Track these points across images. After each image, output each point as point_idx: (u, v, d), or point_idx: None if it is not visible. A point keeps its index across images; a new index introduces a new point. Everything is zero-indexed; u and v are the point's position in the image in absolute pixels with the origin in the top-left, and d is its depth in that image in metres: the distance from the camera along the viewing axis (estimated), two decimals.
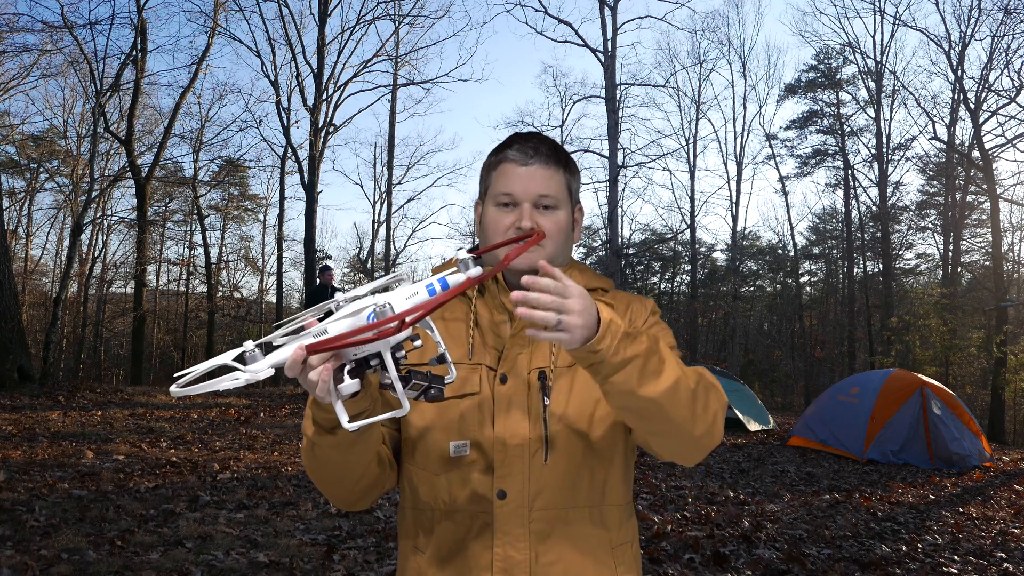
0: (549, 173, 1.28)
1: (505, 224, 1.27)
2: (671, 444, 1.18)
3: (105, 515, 4.36)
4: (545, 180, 1.28)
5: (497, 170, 1.30)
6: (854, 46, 23.14)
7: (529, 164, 1.28)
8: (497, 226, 1.28)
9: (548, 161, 1.29)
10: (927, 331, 18.48)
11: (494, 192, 1.29)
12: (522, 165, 1.28)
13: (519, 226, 1.25)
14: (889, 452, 8.71)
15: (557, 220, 1.29)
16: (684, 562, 4.26)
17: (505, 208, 1.28)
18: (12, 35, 15.78)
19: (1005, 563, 4.72)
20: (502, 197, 1.28)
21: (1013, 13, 17.39)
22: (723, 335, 29.33)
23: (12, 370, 9.78)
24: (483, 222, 1.31)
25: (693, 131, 27.01)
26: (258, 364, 0.92)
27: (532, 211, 1.27)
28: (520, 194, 1.27)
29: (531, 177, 1.27)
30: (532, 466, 1.21)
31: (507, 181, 1.28)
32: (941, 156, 24.06)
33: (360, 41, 50.30)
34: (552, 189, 1.28)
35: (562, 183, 1.30)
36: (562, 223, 1.29)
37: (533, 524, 1.21)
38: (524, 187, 1.27)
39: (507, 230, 1.27)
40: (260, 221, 28.94)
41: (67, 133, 24.03)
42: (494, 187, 1.30)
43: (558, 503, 1.22)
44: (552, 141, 1.33)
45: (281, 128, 19.16)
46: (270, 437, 7.67)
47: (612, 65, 15.18)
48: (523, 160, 1.28)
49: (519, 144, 1.30)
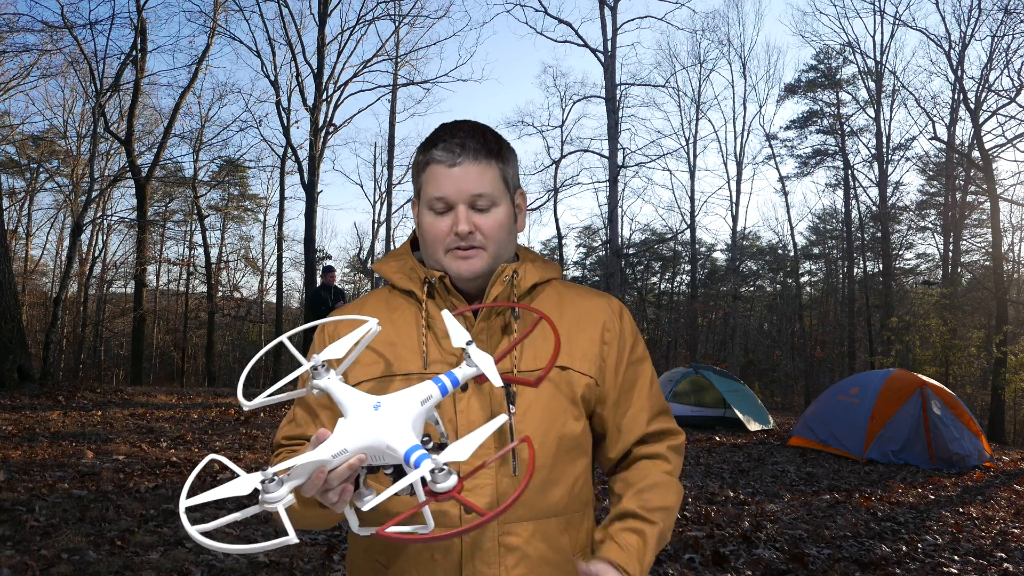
0: (480, 169, 1.20)
1: (443, 229, 1.21)
2: None
3: (105, 515, 4.36)
4: (477, 177, 1.19)
5: (426, 172, 1.22)
6: (854, 46, 23.17)
7: (457, 163, 1.19)
8: (435, 232, 1.21)
9: (478, 156, 1.20)
10: (927, 331, 18.48)
11: (426, 197, 1.22)
12: (450, 166, 1.19)
13: (457, 231, 1.19)
14: (889, 452, 8.71)
15: (496, 218, 1.22)
16: (684, 562, 4.26)
17: (440, 214, 1.21)
18: (12, 35, 15.78)
19: (1005, 563, 4.72)
20: (436, 203, 1.20)
21: (1013, 13, 17.40)
22: (723, 335, 29.33)
23: (12, 370, 9.78)
24: (421, 226, 1.25)
25: (693, 131, 27.07)
26: (279, 492, 0.87)
27: (468, 212, 1.20)
28: (453, 196, 1.19)
29: (462, 177, 1.19)
30: (500, 478, 1.17)
31: (437, 185, 1.20)
32: (941, 156, 24.07)
33: (360, 41, 50.35)
34: (486, 186, 1.20)
35: (496, 176, 1.22)
36: (501, 220, 1.22)
37: (503, 537, 1.17)
38: (456, 188, 1.19)
39: (446, 236, 1.21)
40: (260, 221, 29.01)
41: (67, 133, 24.06)
42: (426, 191, 1.22)
43: (529, 514, 1.19)
44: (481, 130, 1.24)
45: (281, 128, 19.18)
46: (270, 437, 7.67)
47: (612, 65, 15.18)
48: (451, 160, 1.19)
49: (444, 142, 1.20)
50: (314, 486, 0.91)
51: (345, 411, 0.96)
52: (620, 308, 1.33)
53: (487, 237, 1.21)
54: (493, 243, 1.22)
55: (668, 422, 1.33)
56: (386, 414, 0.93)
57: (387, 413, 0.93)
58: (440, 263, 1.23)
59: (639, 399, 1.30)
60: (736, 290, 27.67)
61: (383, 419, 0.92)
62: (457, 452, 0.87)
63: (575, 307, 1.29)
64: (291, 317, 29.45)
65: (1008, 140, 17.99)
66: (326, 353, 1.03)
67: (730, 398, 11.25)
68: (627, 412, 1.29)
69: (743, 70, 31.82)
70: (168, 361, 27.57)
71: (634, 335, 1.32)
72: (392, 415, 0.93)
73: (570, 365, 1.24)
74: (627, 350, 1.30)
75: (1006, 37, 17.86)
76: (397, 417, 0.93)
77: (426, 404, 0.95)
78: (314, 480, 0.90)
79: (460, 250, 1.21)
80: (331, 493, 0.93)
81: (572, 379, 1.24)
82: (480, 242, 1.21)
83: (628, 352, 1.30)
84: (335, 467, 0.90)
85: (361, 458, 0.91)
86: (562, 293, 1.31)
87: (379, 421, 0.92)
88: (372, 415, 0.93)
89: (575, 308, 1.29)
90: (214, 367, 23.61)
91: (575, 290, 1.33)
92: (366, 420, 0.93)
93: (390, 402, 0.95)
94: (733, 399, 11.28)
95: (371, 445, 0.91)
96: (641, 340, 1.34)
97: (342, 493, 0.94)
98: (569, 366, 1.24)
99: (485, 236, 1.21)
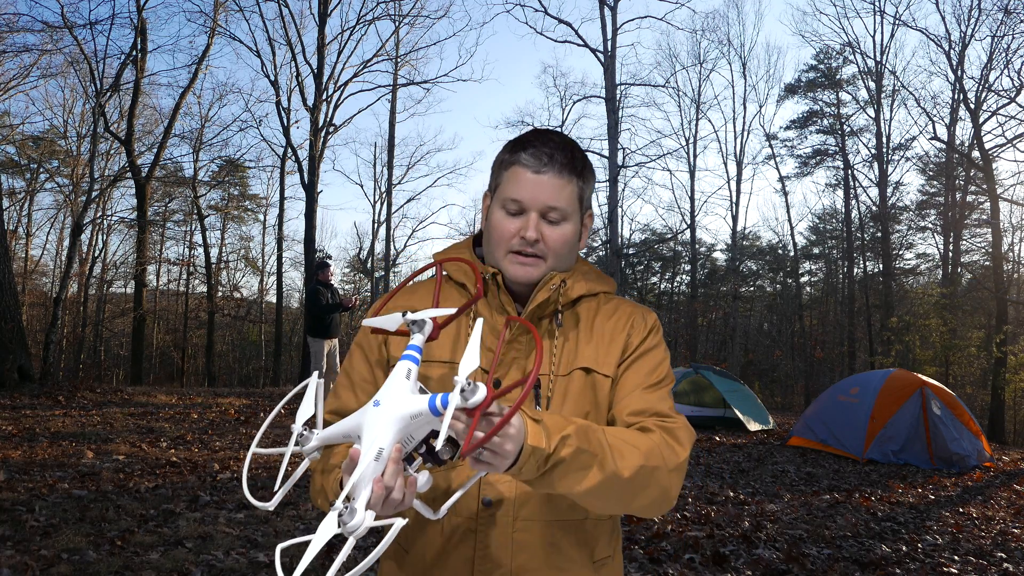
0: (561, 183, 1.23)
1: (510, 231, 1.24)
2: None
3: (105, 515, 4.36)
4: (556, 191, 1.23)
5: (509, 171, 1.25)
6: (854, 46, 23.17)
7: (542, 172, 1.22)
8: (502, 232, 1.25)
9: (562, 171, 1.23)
10: (927, 331, 18.48)
11: (502, 195, 1.25)
12: (534, 172, 1.22)
13: (524, 235, 1.22)
14: (889, 452, 8.71)
15: (563, 233, 1.25)
16: (684, 562, 4.26)
17: (512, 215, 1.24)
18: (12, 35, 15.77)
19: (1005, 563, 4.72)
20: (510, 204, 1.24)
21: (1013, 13, 17.39)
22: (723, 335, 29.32)
23: (12, 370, 9.78)
24: (489, 221, 1.28)
25: (693, 131, 27.07)
26: (357, 519, 0.90)
27: (538, 221, 1.23)
28: (528, 202, 1.23)
29: (541, 187, 1.22)
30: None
31: (517, 187, 1.23)
32: (941, 156, 24.07)
33: (360, 41, 50.34)
34: (562, 201, 1.23)
35: (573, 194, 1.25)
36: (567, 236, 1.26)
37: (517, 534, 1.19)
38: (533, 196, 1.22)
39: (512, 238, 1.24)
40: (260, 221, 29.00)
41: (67, 133, 24.06)
42: (503, 190, 1.26)
43: (544, 514, 1.20)
44: (570, 145, 1.27)
45: (281, 128, 19.16)
46: (270, 437, 7.67)
47: (612, 65, 15.18)
48: (536, 167, 1.22)
49: (535, 148, 1.23)
50: (379, 497, 0.93)
51: (354, 433, 1.02)
52: (654, 319, 1.34)
53: (550, 249, 1.25)
54: (554, 256, 1.26)
55: (664, 418, 1.27)
56: (389, 402, 0.98)
57: (389, 400, 0.99)
58: (499, 263, 1.26)
59: (636, 393, 1.28)
60: (736, 290, 27.66)
61: (391, 405, 0.98)
62: (467, 364, 0.96)
63: (608, 316, 1.32)
64: (291, 317, 29.46)
65: (1008, 140, 18.00)
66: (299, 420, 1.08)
67: (730, 398, 11.25)
68: (618, 403, 1.27)
69: (743, 70, 31.74)
70: (168, 361, 27.56)
71: (655, 340, 1.32)
72: (395, 398, 0.99)
73: (595, 368, 1.26)
74: (642, 347, 1.31)
75: (1006, 37, 17.87)
76: (400, 396, 0.99)
77: (410, 377, 1.02)
78: (376, 492, 0.92)
79: (522, 255, 1.24)
80: (394, 493, 0.95)
81: (596, 382, 1.26)
82: (542, 251, 1.24)
83: (642, 349, 1.30)
84: (384, 469, 0.94)
85: (398, 448, 0.95)
86: (601, 304, 1.34)
87: (389, 409, 0.97)
88: (379, 411, 0.98)
89: (607, 317, 1.32)
90: (214, 367, 23.62)
91: (615, 302, 1.35)
92: (380, 417, 0.97)
93: (384, 393, 1.00)
94: (733, 399, 11.28)
95: (399, 429, 0.96)
96: (661, 349, 1.33)
97: (405, 487, 0.96)
98: (594, 369, 1.26)
99: (548, 247, 1.25)
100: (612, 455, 1.09)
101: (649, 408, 1.25)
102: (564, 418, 1.08)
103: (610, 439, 1.11)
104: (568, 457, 1.04)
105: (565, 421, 1.07)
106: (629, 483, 1.11)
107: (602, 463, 1.08)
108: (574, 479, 1.06)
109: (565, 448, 1.04)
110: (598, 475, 1.07)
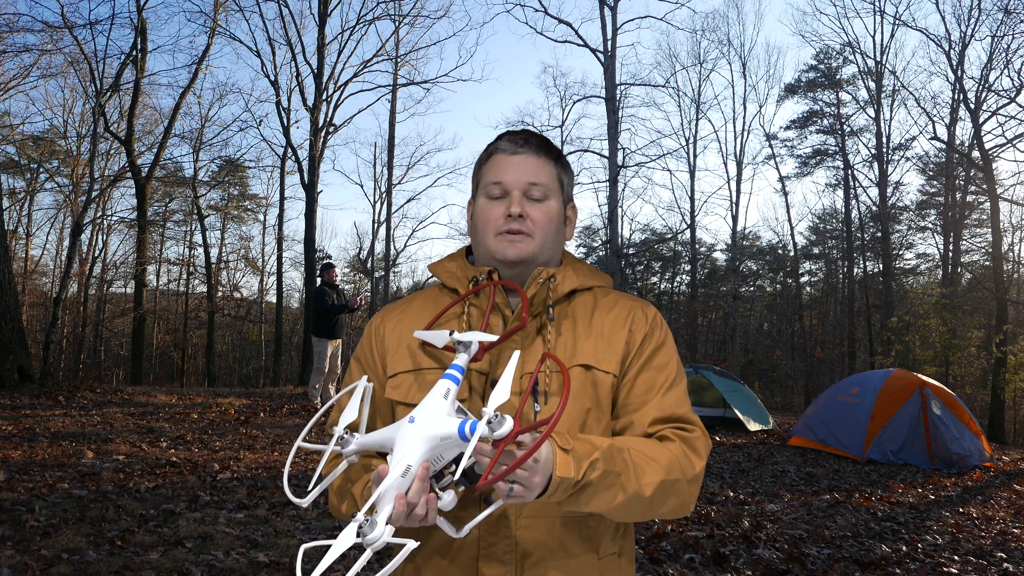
0: (540, 162, 1.28)
1: (496, 214, 1.26)
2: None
3: (105, 515, 4.36)
4: (535, 168, 1.27)
5: (488, 163, 1.30)
6: (854, 46, 23.13)
7: (519, 152, 1.27)
8: (488, 217, 1.27)
9: (539, 151, 1.29)
10: (927, 331, 18.47)
11: (484, 183, 1.29)
12: (512, 154, 1.27)
13: (509, 213, 1.24)
14: (889, 452, 8.71)
15: (547, 210, 1.27)
16: (684, 562, 4.26)
17: (495, 200, 1.27)
18: (12, 35, 15.76)
19: (1005, 563, 4.72)
20: (492, 188, 1.27)
21: (1013, 13, 17.38)
22: (723, 335, 29.32)
23: (12, 370, 9.78)
24: (474, 216, 1.30)
25: (693, 131, 27.03)
26: (377, 531, 0.94)
27: (522, 199, 1.25)
28: (510, 182, 1.26)
29: (520, 165, 1.27)
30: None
31: (497, 171, 1.27)
32: (941, 156, 24.06)
33: (360, 41, 50.24)
34: (542, 178, 1.27)
35: (553, 174, 1.29)
36: (552, 213, 1.28)
37: (520, 530, 1.19)
38: (514, 175, 1.26)
39: (497, 220, 1.25)
40: (260, 221, 28.99)
41: (67, 133, 24.06)
42: (484, 179, 1.29)
43: (548, 510, 1.20)
44: (544, 136, 1.33)
45: (281, 128, 19.16)
46: (270, 437, 7.67)
47: (612, 65, 15.18)
48: (513, 149, 1.28)
49: (510, 136, 1.30)
50: (401, 513, 0.96)
51: (388, 445, 1.04)
52: (654, 312, 1.34)
53: (536, 225, 1.26)
54: (541, 232, 1.27)
55: (683, 425, 1.27)
56: (423, 420, 1.02)
57: (424, 419, 1.01)
58: (489, 248, 1.27)
59: (654, 400, 1.26)
60: (736, 290, 27.66)
61: (423, 424, 1.01)
62: (497, 396, 0.97)
63: (607, 311, 1.31)
64: (291, 317, 29.44)
65: (1008, 140, 17.99)
66: (343, 423, 1.10)
67: (730, 398, 11.25)
68: (637, 410, 1.26)
69: (743, 70, 31.74)
70: (168, 361, 27.56)
71: (661, 335, 1.31)
72: (429, 417, 1.02)
73: (595, 365, 1.25)
74: (649, 345, 1.29)
75: (1006, 37, 17.86)
76: (434, 416, 1.02)
77: (448, 397, 1.05)
78: (398, 508, 0.95)
79: (509, 234, 1.25)
80: (417, 509, 0.97)
81: (597, 379, 1.25)
82: (529, 228, 1.26)
83: (650, 348, 1.29)
84: (409, 486, 0.97)
85: (426, 466, 0.98)
86: (599, 299, 1.33)
87: (421, 428, 1.01)
88: (413, 428, 1.01)
89: (606, 312, 1.31)
90: (214, 367, 23.61)
91: (613, 295, 1.35)
92: (412, 434, 1.00)
93: (420, 411, 1.03)
94: (733, 399, 11.28)
95: (428, 448, 0.99)
96: (669, 343, 1.32)
97: (427, 504, 0.99)
98: (594, 365, 1.25)
99: (534, 224, 1.26)
100: (635, 473, 1.13)
101: (669, 414, 1.25)
102: (590, 442, 1.11)
103: (634, 456, 1.15)
104: (596, 480, 1.08)
105: (592, 446, 1.10)
106: (650, 499, 1.15)
107: (626, 483, 1.12)
108: (600, 500, 1.10)
109: (593, 472, 1.08)
110: (622, 495, 1.12)
